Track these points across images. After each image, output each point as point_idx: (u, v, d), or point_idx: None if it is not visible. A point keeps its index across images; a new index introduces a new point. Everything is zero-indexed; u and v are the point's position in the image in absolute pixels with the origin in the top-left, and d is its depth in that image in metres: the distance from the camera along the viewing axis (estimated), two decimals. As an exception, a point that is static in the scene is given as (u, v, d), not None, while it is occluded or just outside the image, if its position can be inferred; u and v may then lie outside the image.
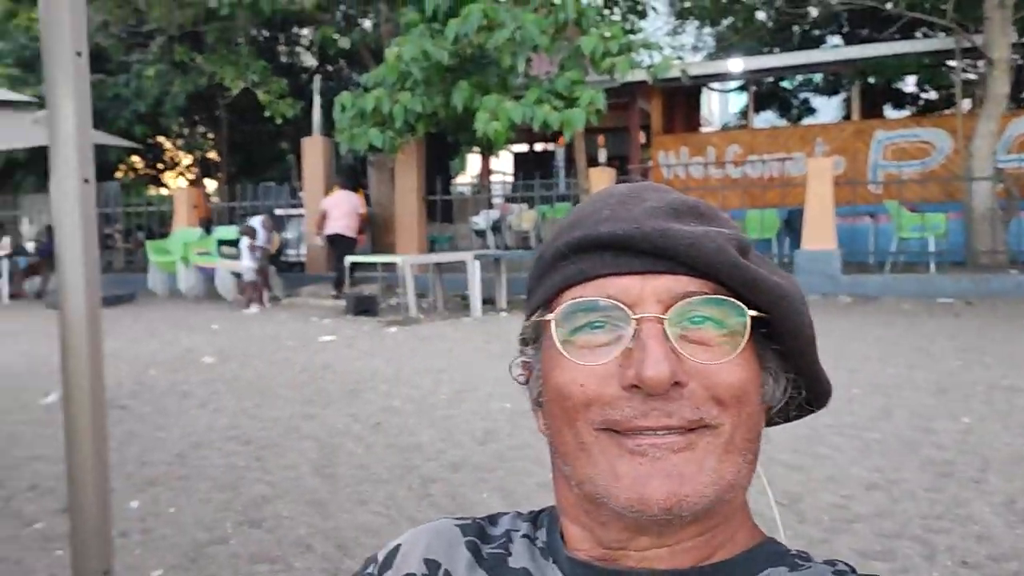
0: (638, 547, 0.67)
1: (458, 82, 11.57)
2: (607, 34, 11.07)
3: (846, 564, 0.67)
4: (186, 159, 24.46)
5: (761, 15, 19.95)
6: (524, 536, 0.75)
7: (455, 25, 10.94)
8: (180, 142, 23.64)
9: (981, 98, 13.37)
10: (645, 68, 12.21)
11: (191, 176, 24.02)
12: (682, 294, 0.64)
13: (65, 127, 1.53)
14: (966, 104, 15.30)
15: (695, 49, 23.14)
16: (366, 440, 5.08)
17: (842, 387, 5.76)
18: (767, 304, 0.65)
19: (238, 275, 13.08)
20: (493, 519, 0.79)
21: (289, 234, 15.84)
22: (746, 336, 0.64)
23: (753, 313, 0.64)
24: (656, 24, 21.79)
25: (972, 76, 15.71)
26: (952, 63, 15.41)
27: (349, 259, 11.83)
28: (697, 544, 0.67)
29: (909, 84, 19.89)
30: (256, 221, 12.75)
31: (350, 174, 14.97)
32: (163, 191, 23.91)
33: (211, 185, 22.92)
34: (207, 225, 15.72)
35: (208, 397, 6.33)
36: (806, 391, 0.72)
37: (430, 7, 11.48)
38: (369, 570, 0.78)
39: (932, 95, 19.93)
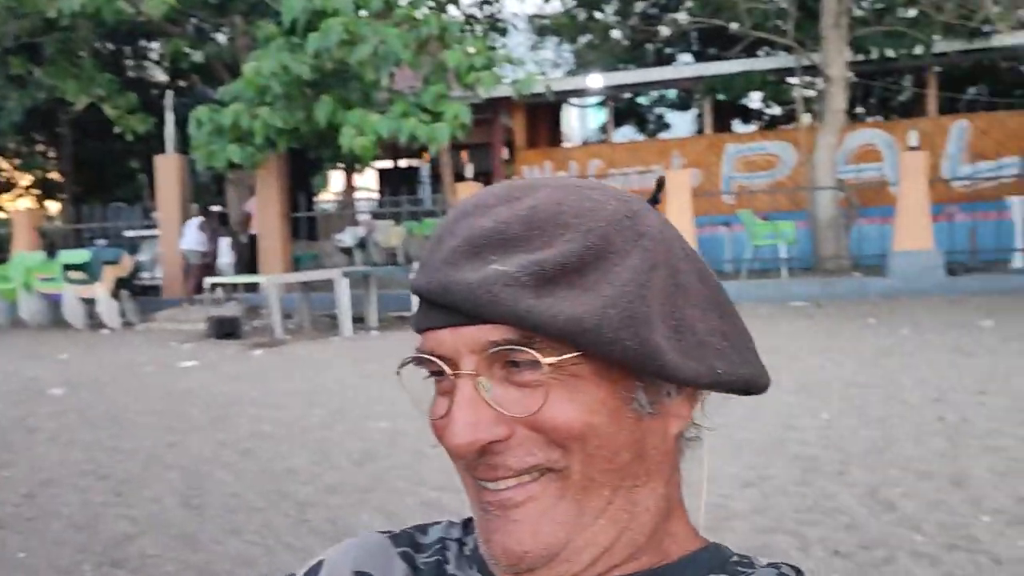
0: None
1: (320, 97, 11.35)
2: (471, 49, 11.13)
3: (790, 566, 0.65)
4: (24, 179, 22.93)
5: (616, 33, 20.58)
6: (456, 541, 0.72)
7: (315, 39, 10.73)
8: (18, 161, 22.15)
9: (821, 113, 14.24)
10: (510, 83, 12.34)
11: (30, 197, 22.54)
12: (486, 344, 0.59)
13: None
14: (807, 118, 16.25)
15: (555, 66, 23.64)
16: (236, 467, 4.85)
17: (711, 390, 5.94)
18: (569, 344, 0.58)
19: (89, 300, 12.34)
20: (423, 528, 0.75)
21: (143, 256, 15.08)
22: (549, 380, 0.59)
23: (550, 360, 0.58)
24: (517, 40, 22.11)
25: (812, 92, 16.72)
26: (793, 80, 16.35)
27: (209, 280, 11.37)
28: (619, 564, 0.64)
29: (755, 100, 20.95)
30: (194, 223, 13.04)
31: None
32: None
33: (53, 207, 21.58)
34: (51, 249, 14.77)
35: (58, 430, 5.90)
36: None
37: (288, 20, 11.20)
38: None
39: (776, 110, 21.07)
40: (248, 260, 14.32)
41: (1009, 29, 13.65)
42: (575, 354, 0.58)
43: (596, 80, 17.38)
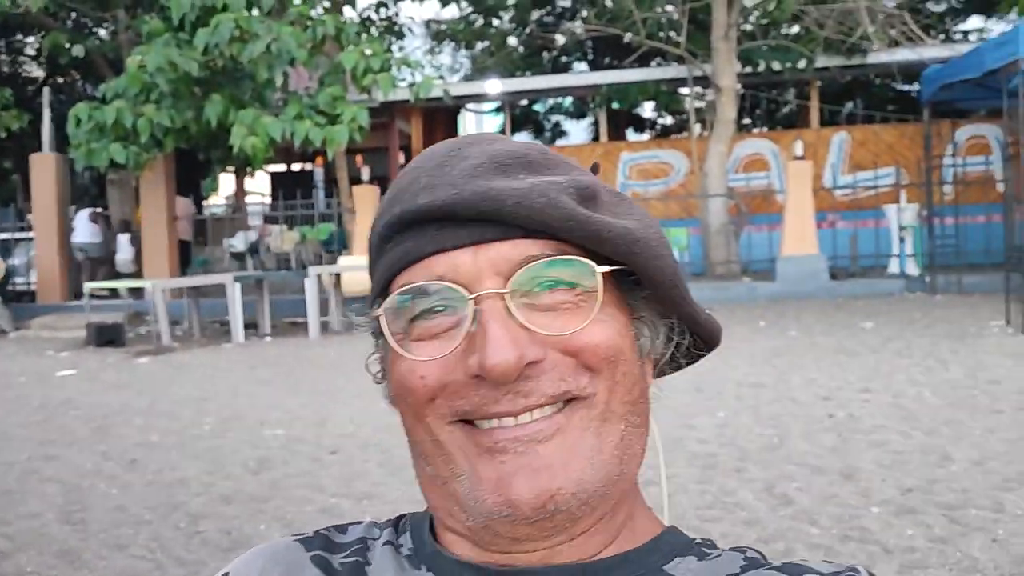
0: (523, 549, 0.59)
1: (210, 95, 10.96)
2: (368, 51, 10.96)
3: (755, 550, 0.64)
4: None
5: (513, 40, 20.71)
6: (387, 543, 0.66)
7: (204, 35, 10.37)
8: None
9: (711, 122, 14.67)
10: (407, 87, 12.23)
11: None
12: (521, 260, 0.56)
13: None
14: (698, 128, 16.71)
15: (452, 71, 23.60)
16: (121, 479, 4.60)
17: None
18: (619, 254, 0.58)
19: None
20: (341, 528, 0.69)
21: (16, 260, 14.25)
22: (601, 293, 0.57)
23: (604, 269, 0.58)
24: (414, 44, 22.00)
25: (702, 103, 17.22)
26: (685, 90, 16.79)
27: (89, 285, 10.81)
28: (598, 530, 0.61)
29: (648, 109, 21.43)
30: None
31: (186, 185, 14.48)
32: None
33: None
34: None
35: (-78, 445, 5.48)
36: (690, 334, 0.67)
37: (176, 16, 10.76)
38: None
39: (669, 120, 21.61)
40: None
41: (884, 47, 14.38)
42: (622, 266, 0.59)
43: (494, 85, 17.43)
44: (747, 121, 19.78)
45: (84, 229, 13.48)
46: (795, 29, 15.47)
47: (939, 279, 11.97)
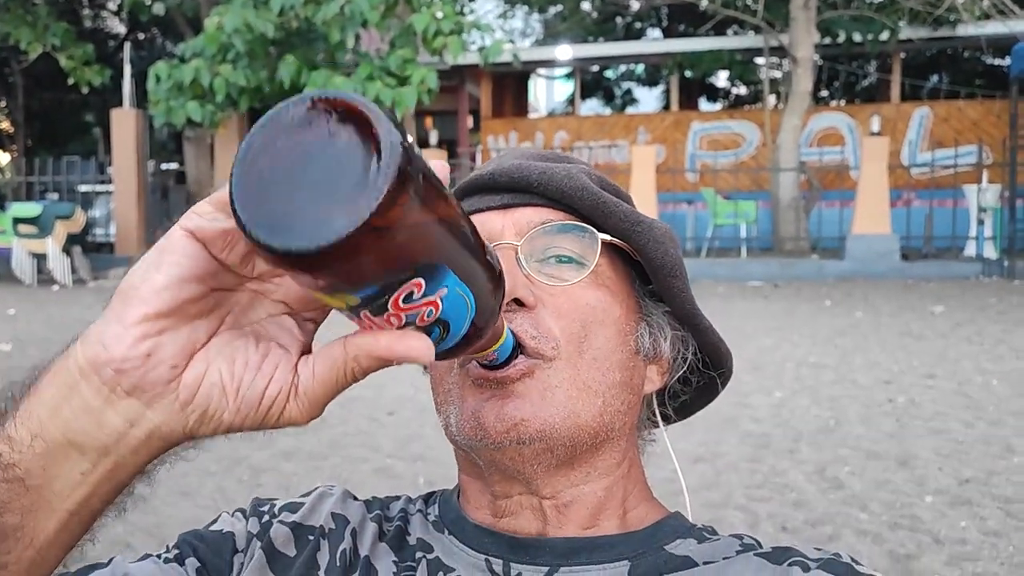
0: (516, 492, 0.67)
1: (284, 56, 11.12)
2: (439, 14, 10.96)
3: (752, 537, 0.68)
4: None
5: (586, 5, 20.45)
6: (418, 512, 0.75)
7: (281, -4, 10.50)
8: (-33, 110, 21.49)
9: (786, 94, 14.32)
10: (477, 51, 12.21)
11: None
12: (539, 223, 0.67)
13: None
14: (773, 100, 16.34)
15: (523, 35, 23.44)
16: (188, 430, 4.79)
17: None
18: (621, 231, 0.68)
19: (39, 255, 12.07)
20: (386, 503, 0.78)
21: (97, 212, 14.75)
22: (596, 257, 0.67)
23: (605, 237, 0.67)
24: (486, 8, 21.88)
25: (778, 74, 16.81)
26: (760, 60, 16.41)
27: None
28: (580, 498, 0.66)
29: (722, 79, 21.02)
30: None
31: None
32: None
33: (4, 158, 20.98)
34: (1, 201, 14.39)
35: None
36: (700, 351, 0.73)
37: (253, -24, 10.93)
38: (263, 508, 0.75)
39: (742, 90, 21.16)
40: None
41: (973, 19, 13.82)
42: (622, 241, 0.68)
43: (565, 51, 17.27)
44: (824, 93, 19.26)
45: None
46: (878, -1, 14.96)
47: (1018, 264, 11.56)
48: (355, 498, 0.76)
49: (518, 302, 0.63)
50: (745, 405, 5.15)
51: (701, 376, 0.75)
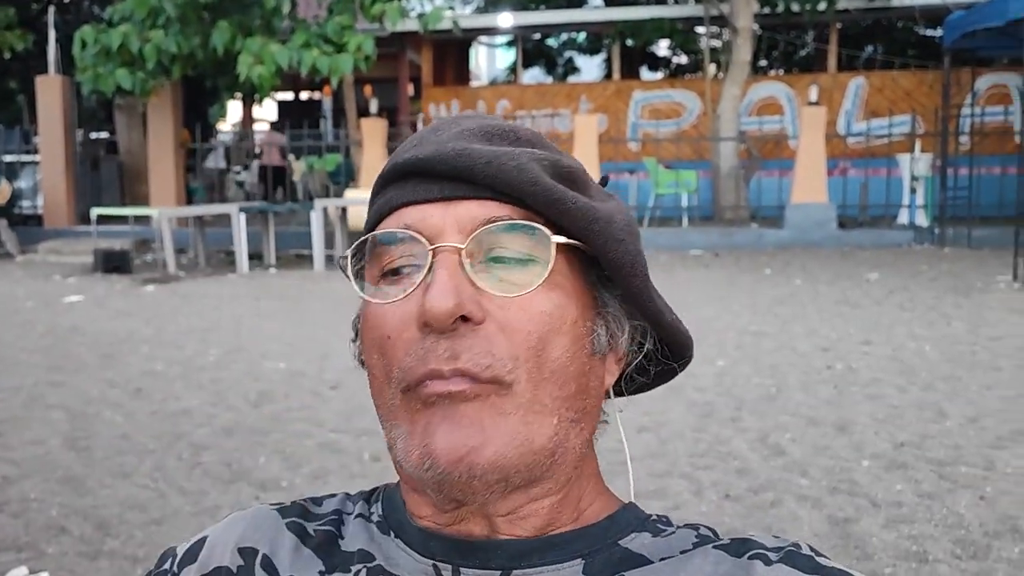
0: (467, 512, 0.62)
1: (218, 22, 10.80)
2: (378, -21, 10.75)
3: (708, 527, 0.65)
4: None
5: (528, -28, 20.26)
6: (359, 516, 0.68)
7: (213, -41, 10.17)
8: None
9: (726, 63, 14.41)
10: (416, 17, 12.02)
11: None
12: (485, 220, 0.59)
13: None
14: (713, 69, 16.44)
15: (464, 2, 23.14)
16: (126, 407, 4.67)
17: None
18: (578, 229, 0.60)
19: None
20: (317, 500, 0.72)
21: (23, 183, 14.22)
22: (551, 263, 0.59)
23: (560, 239, 0.59)
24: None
25: (718, 43, 16.90)
26: (701, 29, 16.47)
27: (96, 211, 10.80)
28: (537, 511, 0.62)
29: (663, 48, 21.06)
30: None
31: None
32: None
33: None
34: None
35: (-71, 368, 5.56)
36: (658, 341, 0.68)
37: (185, -62, 10.56)
38: (166, 566, 0.68)
39: (683, 59, 21.24)
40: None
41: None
42: (578, 242, 0.60)
43: (506, 19, 17.13)
44: (763, 63, 19.44)
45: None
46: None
47: (949, 232, 11.88)
48: (272, 506, 0.70)
49: (464, 319, 0.56)
50: (689, 374, 5.18)
51: (659, 364, 0.71)
